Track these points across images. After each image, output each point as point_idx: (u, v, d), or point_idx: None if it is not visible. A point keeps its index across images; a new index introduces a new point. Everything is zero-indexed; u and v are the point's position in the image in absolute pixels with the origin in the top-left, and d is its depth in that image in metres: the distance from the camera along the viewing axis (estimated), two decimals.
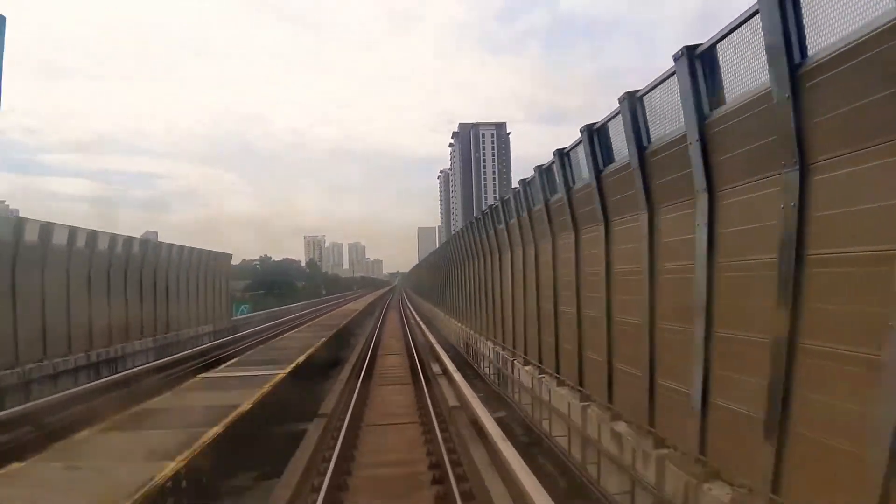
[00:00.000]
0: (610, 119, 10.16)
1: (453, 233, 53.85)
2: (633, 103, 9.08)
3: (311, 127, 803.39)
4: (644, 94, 8.93)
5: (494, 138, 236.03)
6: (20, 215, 25.11)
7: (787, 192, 5.93)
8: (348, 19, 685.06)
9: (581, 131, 11.15)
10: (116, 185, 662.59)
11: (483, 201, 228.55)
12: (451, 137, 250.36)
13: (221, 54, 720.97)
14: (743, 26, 6.45)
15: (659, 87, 8.49)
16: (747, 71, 6.66)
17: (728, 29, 6.69)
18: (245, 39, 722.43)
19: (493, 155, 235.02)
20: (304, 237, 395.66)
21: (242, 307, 65.34)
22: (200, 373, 20.10)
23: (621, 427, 9.91)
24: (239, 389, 14.98)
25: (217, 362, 24.24)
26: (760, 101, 6.24)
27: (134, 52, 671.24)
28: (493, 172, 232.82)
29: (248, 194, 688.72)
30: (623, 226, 10.30)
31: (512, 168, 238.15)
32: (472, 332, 28.51)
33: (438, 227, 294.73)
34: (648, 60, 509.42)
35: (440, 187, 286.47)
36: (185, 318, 38.60)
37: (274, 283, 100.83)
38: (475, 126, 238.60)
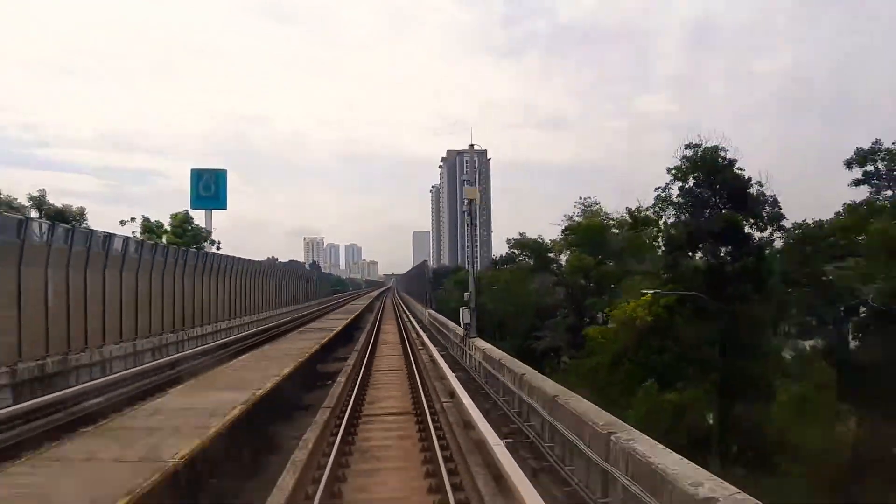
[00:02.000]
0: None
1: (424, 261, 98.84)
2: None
3: (311, 129, 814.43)
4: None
5: (476, 164, 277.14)
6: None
7: None
8: (351, 24, 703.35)
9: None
10: (115, 181, 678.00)
11: (466, 217, 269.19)
12: (441, 161, 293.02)
13: (225, 56, 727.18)
14: None
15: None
16: None
17: None
18: (249, 42, 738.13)
19: (475, 179, 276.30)
20: (304, 238, 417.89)
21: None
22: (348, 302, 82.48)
23: None
24: (361, 302, 74.32)
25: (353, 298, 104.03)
26: None
27: (137, 53, 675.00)
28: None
29: (249, 194, 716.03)
30: None
31: (491, 188, 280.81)
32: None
33: (431, 231, 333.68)
34: (647, 68, 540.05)
35: (432, 200, 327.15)
36: (318, 294, 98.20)
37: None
38: (460, 153, 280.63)
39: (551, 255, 46.45)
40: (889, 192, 29.98)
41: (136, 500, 6.88)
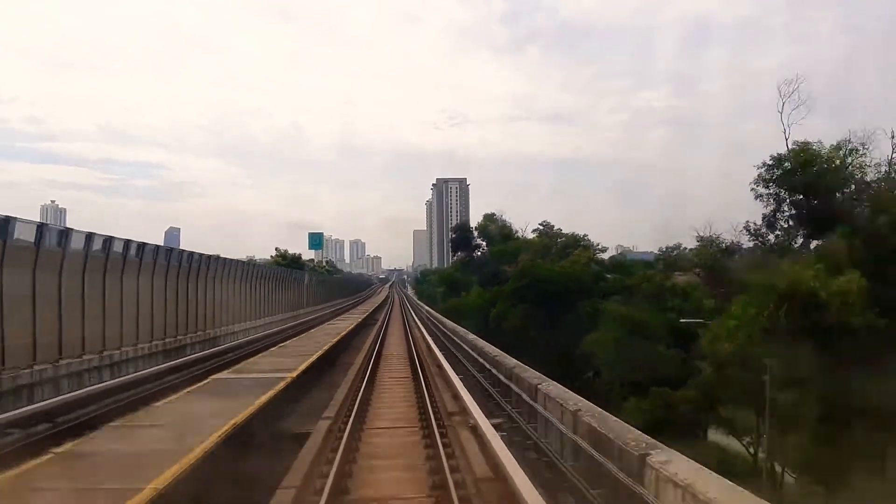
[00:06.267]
0: None
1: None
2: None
3: (312, 123, 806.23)
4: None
5: (458, 189, 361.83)
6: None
7: None
8: (352, 18, 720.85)
9: None
10: (118, 175, 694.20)
11: (448, 231, 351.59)
12: (431, 186, 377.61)
13: (226, 49, 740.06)
14: None
15: None
16: None
17: None
18: (250, 38, 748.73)
19: (457, 201, 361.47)
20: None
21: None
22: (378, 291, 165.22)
23: None
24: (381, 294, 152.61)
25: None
26: None
27: (138, 45, 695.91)
28: (457, 214, 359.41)
29: (250, 187, 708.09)
30: None
31: (471, 208, 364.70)
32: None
33: (427, 235, 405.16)
34: (644, 64, 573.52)
35: (427, 211, 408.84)
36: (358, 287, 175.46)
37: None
38: (446, 181, 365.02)
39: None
40: None
41: None
